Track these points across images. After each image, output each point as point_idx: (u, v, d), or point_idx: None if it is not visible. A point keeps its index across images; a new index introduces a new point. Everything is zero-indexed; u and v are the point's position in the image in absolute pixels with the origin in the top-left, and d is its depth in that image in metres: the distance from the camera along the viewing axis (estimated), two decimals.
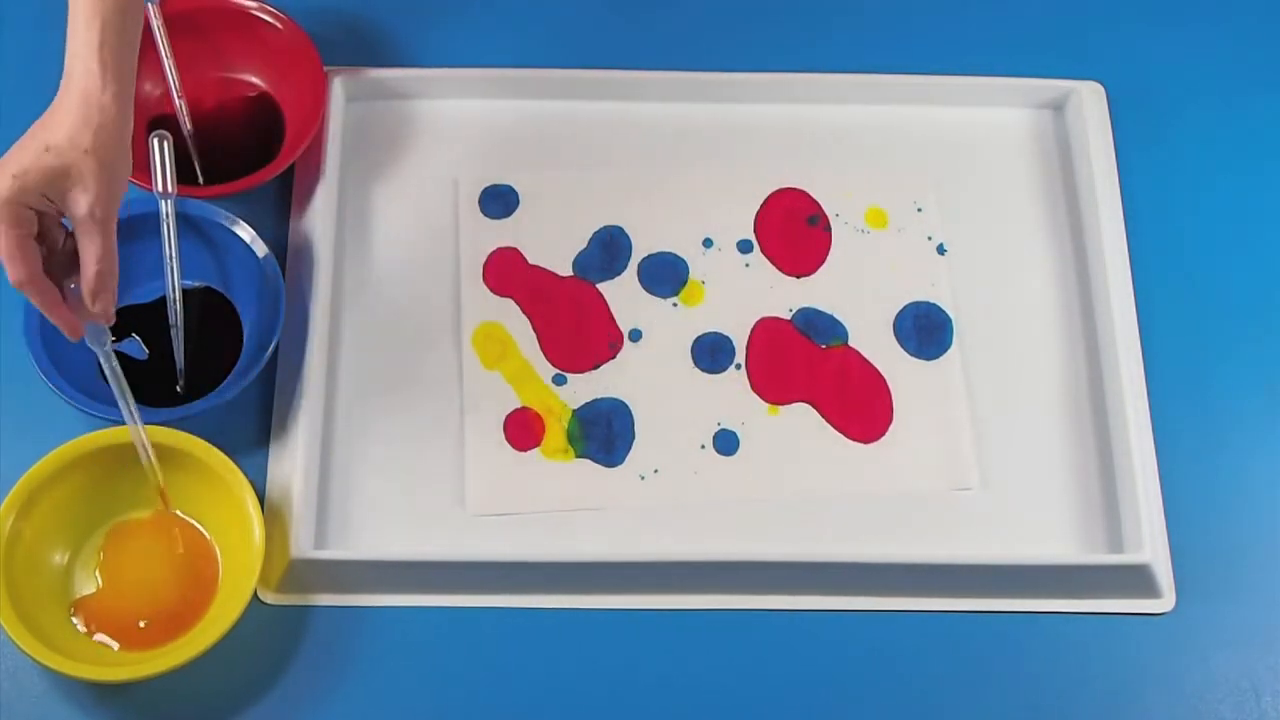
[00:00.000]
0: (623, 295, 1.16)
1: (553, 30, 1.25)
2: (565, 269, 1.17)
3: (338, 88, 1.19)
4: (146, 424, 1.04)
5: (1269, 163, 1.23)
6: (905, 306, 1.17)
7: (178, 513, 1.06)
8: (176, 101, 1.16)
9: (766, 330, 1.15)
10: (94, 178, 0.94)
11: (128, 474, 1.05)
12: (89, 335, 0.99)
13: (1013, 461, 1.12)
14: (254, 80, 1.20)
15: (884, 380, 1.14)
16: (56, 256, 0.97)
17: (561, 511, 1.09)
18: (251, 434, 1.10)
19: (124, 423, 1.03)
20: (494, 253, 1.17)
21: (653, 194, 1.19)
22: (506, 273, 1.16)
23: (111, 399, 1.08)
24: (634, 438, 1.12)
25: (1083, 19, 1.27)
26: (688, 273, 1.17)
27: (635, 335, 1.15)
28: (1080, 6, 1.28)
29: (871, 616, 1.07)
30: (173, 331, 1.10)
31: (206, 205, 1.11)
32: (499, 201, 1.19)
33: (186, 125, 1.16)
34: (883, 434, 1.13)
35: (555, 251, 1.17)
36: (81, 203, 0.94)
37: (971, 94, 1.23)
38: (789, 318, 1.16)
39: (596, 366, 1.14)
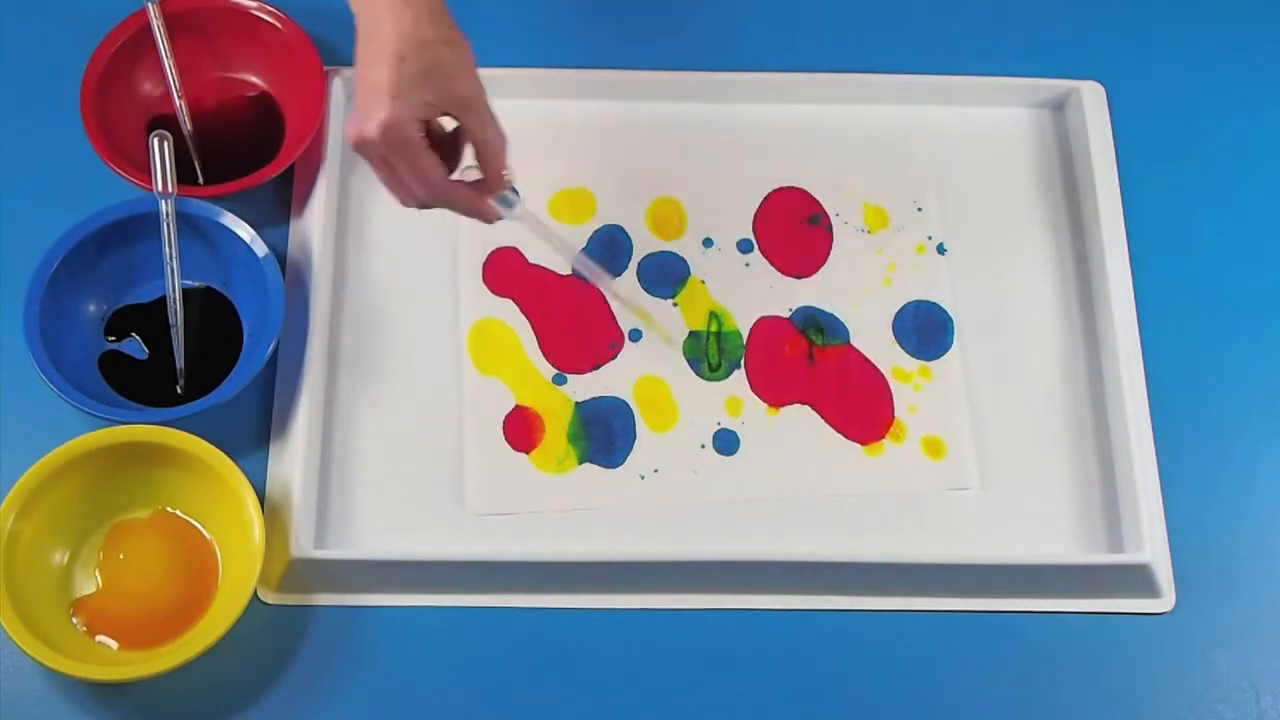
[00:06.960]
0: (623, 295, 1.16)
1: (553, 30, 1.25)
2: (565, 269, 1.17)
3: (338, 88, 1.19)
4: (146, 424, 1.04)
5: (1269, 163, 1.22)
6: (905, 306, 1.17)
7: (178, 513, 1.06)
8: (176, 101, 1.16)
9: (766, 330, 1.15)
10: (459, 59, 0.95)
11: (128, 474, 1.05)
12: (501, 207, 1.00)
13: (1013, 461, 1.12)
14: (254, 80, 1.20)
15: (884, 380, 1.14)
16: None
17: (561, 511, 1.09)
18: (251, 434, 1.10)
19: (123, 423, 1.04)
20: (494, 252, 1.17)
21: (653, 194, 1.19)
22: (506, 272, 1.16)
23: (111, 399, 1.08)
24: (634, 438, 1.12)
25: (1083, 19, 1.27)
26: (688, 273, 1.17)
27: (635, 335, 1.15)
28: (1080, 6, 1.28)
29: (871, 616, 1.07)
30: (173, 331, 1.10)
31: (206, 205, 1.11)
32: (499, 201, 1.18)
33: (186, 125, 1.16)
34: (883, 434, 1.13)
35: (555, 251, 1.17)
36: (461, 86, 0.95)
37: (971, 94, 1.23)
38: (789, 317, 1.16)
39: (597, 367, 1.14)
